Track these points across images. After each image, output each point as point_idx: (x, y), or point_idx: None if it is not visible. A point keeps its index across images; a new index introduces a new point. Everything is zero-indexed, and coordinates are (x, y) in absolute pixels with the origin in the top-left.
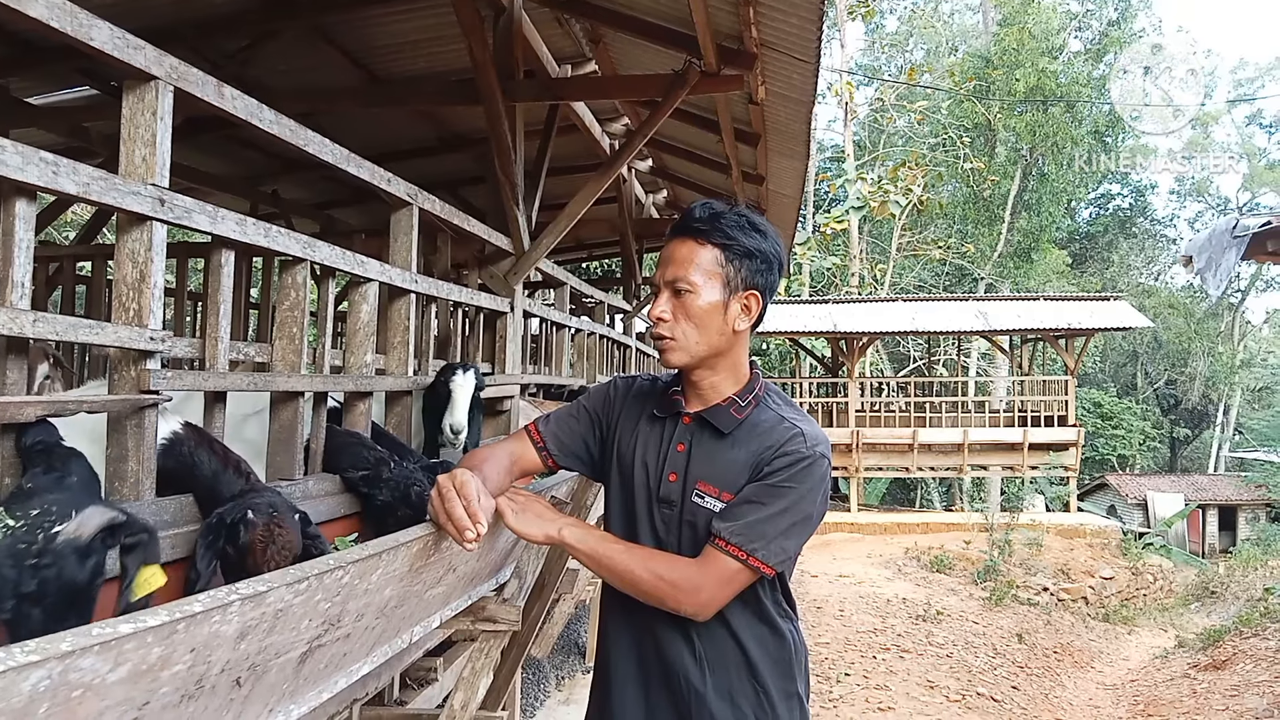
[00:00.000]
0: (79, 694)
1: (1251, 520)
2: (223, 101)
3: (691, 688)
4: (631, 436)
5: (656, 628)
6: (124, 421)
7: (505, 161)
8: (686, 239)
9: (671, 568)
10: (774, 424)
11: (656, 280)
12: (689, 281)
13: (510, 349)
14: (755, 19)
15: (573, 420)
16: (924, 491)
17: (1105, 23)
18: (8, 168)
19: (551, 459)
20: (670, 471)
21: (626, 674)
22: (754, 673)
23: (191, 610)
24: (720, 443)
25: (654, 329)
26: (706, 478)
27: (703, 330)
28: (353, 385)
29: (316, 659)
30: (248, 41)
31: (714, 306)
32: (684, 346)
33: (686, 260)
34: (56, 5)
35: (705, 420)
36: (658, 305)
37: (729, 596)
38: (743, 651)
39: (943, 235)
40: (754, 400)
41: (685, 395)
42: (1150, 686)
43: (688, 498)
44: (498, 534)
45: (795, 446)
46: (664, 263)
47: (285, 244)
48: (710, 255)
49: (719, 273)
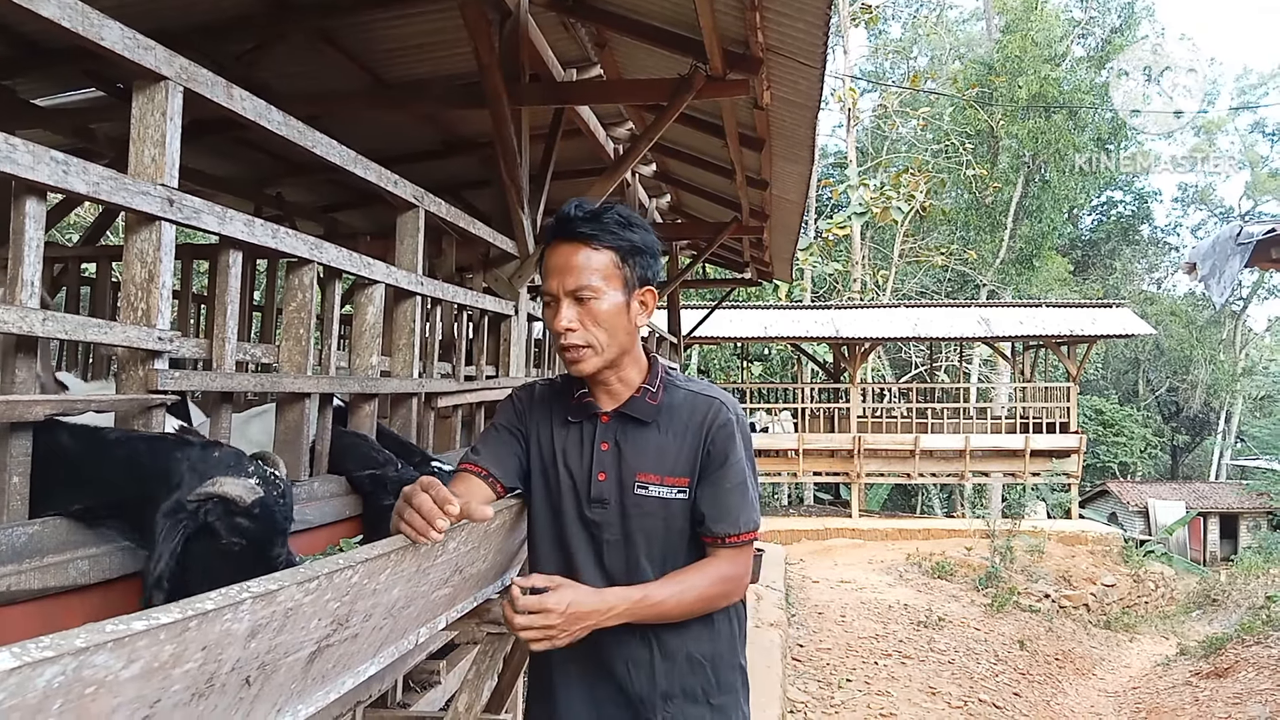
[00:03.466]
0: (92, 691)
1: (1253, 528)
2: (232, 103)
3: (642, 676)
4: (550, 443)
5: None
6: (131, 421)
7: (511, 165)
8: (575, 244)
9: (715, 580)
10: (690, 401)
11: (550, 289)
12: (591, 287)
13: (514, 352)
14: (761, 24)
15: (496, 441)
16: (925, 498)
17: (1108, 30)
18: (19, 166)
19: (499, 484)
20: (599, 471)
21: (567, 659)
22: (703, 650)
23: (204, 608)
24: (645, 431)
25: (560, 340)
26: (644, 468)
27: (611, 333)
28: (359, 387)
29: (325, 659)
30: (253, 45)
31: (618, 308)
32: (596, 353)
33: (584, 267)
34: (68, 5)
35: (624, 415)
36: (561, 316)
37: (750, 572)
38: (693, 631)
39: (945, 241)
40: (661, 385)
41: (595, 395)
42: (1152, 694)
43: (628, 491)
44: (502, 537)
45: (725, 418)
46: (557, 271)
47: (293, 245)
48: (605, 258)
49: (617, 274)
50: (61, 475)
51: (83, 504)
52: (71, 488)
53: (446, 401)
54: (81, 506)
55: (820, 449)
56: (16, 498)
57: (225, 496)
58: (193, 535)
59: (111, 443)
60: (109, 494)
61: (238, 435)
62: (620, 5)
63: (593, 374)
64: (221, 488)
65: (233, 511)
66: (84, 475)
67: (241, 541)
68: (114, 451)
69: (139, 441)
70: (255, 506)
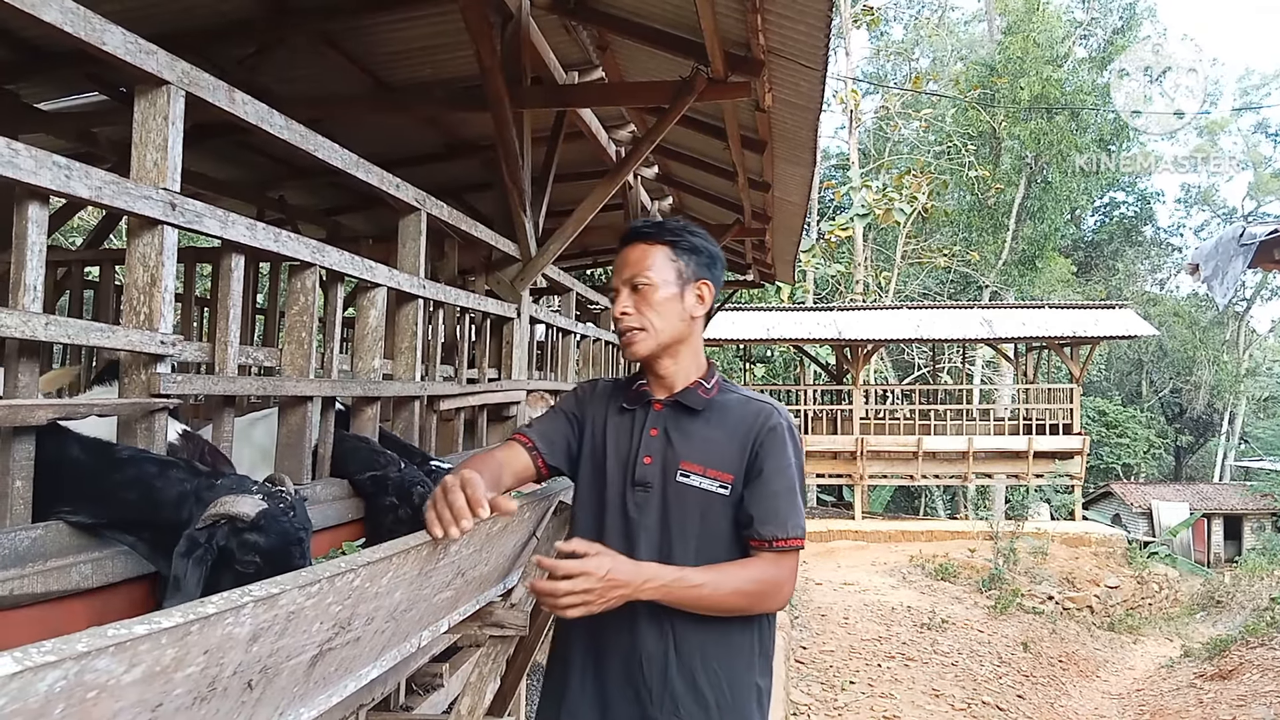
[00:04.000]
0: (94, 695)
1: (1257, 529)
2: (234, 107)
3: (655, 671)
4: (602, 430)
5: (629, 614)
6: (134, 425)
7: (513, 167)
8: (636, 243)
9: (756, 581)
10: (742, 405)
11: (614, 284)
12: (646, 276)
13: (517, 355)
14: (763, 26)
15: (551, 422)
16: (928, 499)
17: (1110, 31)
18: (21, 171)
19: (542, 458)
20: (645, 455)
21: (585, 659)
22: (719, 658)
23: (205, 612)
24: (695, 421)
25: (618, 325)
26: (689, 457)
27: (664, 318)
28: (361, 390)
29: (327, 662)
30: (254, 48)
31: (672, 296)
32: (649, 335)
33: (641, 260)
34: (70, 10)
35: (677, 403)
36: (619, 303)
37: (795, 580)
38: (712, 637)
39: (947, 243)
40: (716, 384)
41: (651, 386)
42: (1156, 696)
43: (670, 479)
44: (505, 539)
45: (775, 422)
46: (619, 268)
47: (295, 249)
48: (662, 253)
49: (670, 266)
50: (69, 488)
51: (90, 518)
52: (78, 501)
53: (449, 404)
54: (90, 520)
55: (823, 451)
56: (19, 501)
57: (230, 515)
58: (214, 567)
59: (123, 461)
60: (117, 512)
61: (241, 439)
62: (621, 7)
63: (646, 357)
64: (225, 507)
65: (240, 529)
66: (91, 491)
67: (256, 559)
68: (125, 471)
69: (149, 464)
70: (261, 519)
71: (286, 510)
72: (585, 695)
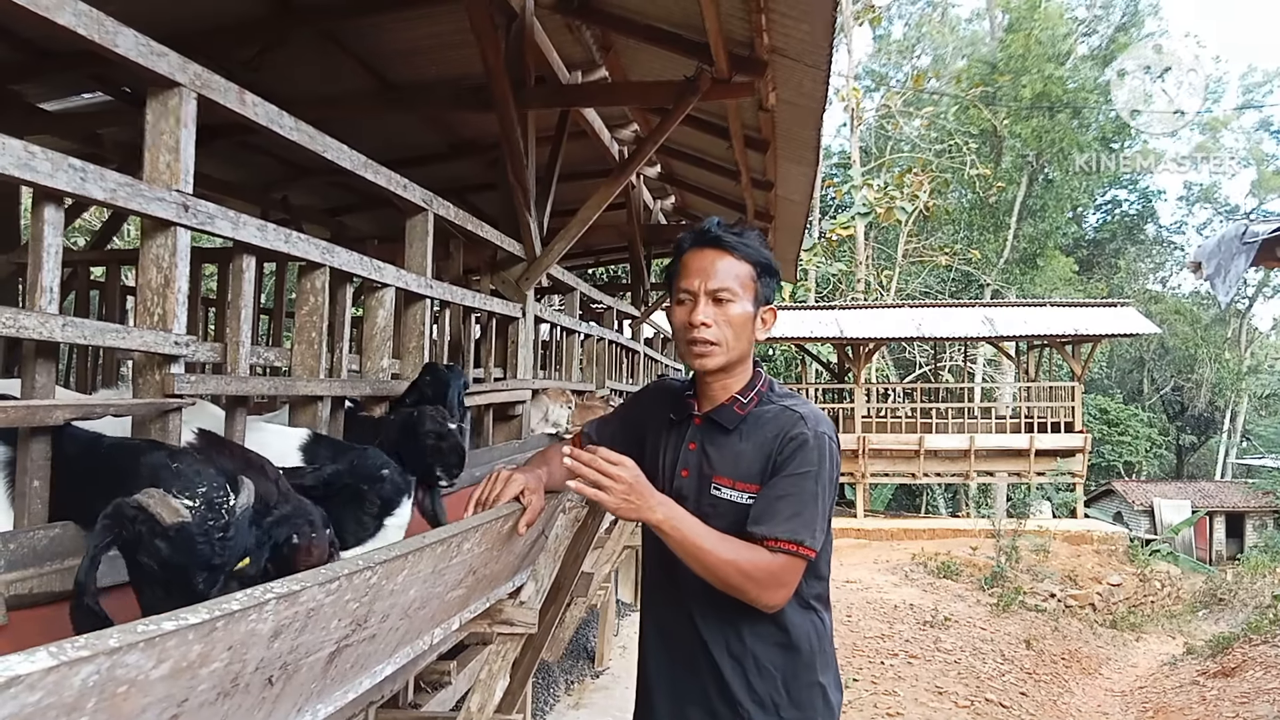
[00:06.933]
0: (124, 690)
1: (1259, 527)
2: (244, 108)
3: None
4: (656, 438)
5: (697, 612)
6: (148, 425)
7: (517, 167)
8: (720, 251)
9: (755, 564)
10: (776, 414)
11: (689, 287)
12: (731, 291)
13: (522, 354)
14: (767, 26)
15: (613, 426)
16: (930, 498)
17: (1112, 28)
18: (39, 174)
19: None
20: (682, 468)
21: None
22: (775, 658)
23: (230, 608)
24: (728, 437)
25: (692, 333)
26: (721, 471)
27: (739, 337)
28: (370, 389)
29: (344, 659)
30: (259, 48)
31: (748, 316)
32: (724, 351)
33: (726, 271)
34: (84, 12)
35: (712, 419)
36: (699, 312)
37: (794, 588)
38: (770, 633)
39: (949, 241)
40: (756, 396)
41: (697, 398)
42: (1159, 693)
43: (705, 491)
44: (514, 538)
45: (799, 431)
46: (698, 272)
47: (305, 249)
48: (745, 269)
49: (752, 285)
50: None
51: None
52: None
53: None
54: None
55: None
56: (37, 501)
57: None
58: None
59: (106, 452)
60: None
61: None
62: (625, 8)
63: (715, 370)
64: (148, 501)
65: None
66: (84, 483)
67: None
68: (111, 461)
69: (121, 450)
70: (173, 530)
71: (215, 530)
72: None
